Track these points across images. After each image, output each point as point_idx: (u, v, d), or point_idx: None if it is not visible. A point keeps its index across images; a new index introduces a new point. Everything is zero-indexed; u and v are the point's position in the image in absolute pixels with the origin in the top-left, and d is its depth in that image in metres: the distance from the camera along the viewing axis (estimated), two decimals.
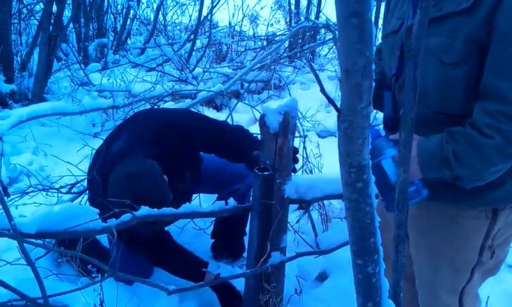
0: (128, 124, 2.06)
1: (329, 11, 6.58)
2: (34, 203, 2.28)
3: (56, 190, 2.43)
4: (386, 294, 1.16)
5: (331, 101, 0.87)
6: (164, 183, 1.80)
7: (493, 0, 1.12)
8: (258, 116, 4.10)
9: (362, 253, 1.07)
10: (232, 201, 1.77)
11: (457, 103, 1.21)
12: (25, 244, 1.21)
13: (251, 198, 1.84)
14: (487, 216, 1.34)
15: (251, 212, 1.74)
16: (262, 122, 1.64)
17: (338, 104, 0.87)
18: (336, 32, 5.51)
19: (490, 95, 1.14)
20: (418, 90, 0.98)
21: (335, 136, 1.43)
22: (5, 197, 1.20)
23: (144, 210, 1.53)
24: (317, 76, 0.86)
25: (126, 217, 1.48)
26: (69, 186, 2.59)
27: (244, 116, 4.66)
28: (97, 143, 2.31)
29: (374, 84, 0.85)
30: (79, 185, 2.60)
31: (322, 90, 0.86)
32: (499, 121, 1.12)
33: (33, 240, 1.26)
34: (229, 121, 3.41)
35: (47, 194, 2.44)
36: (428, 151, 1.23)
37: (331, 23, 5.03)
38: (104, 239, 2.22)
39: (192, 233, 2.46)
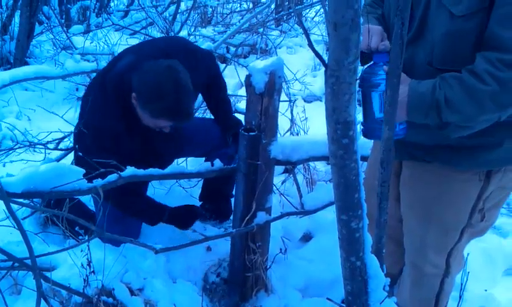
0: (131, 48, 2.08)
1: None
2: (22, 160, 2.29)
3: (43, 146, 2.42)
4: (369, 249, 1.19)
5: (318, 55, 0.87)
6: None
7: None
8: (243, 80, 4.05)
9: (346, 209, 1.09)
10: (217, 162, 1.77)
11: (465, 58, 1.19)
12: (11, 204, 1.20)
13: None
14: (480, 178, 1.36)
15: (237, 173, 1.75)
16: (248, 82, 1.63)
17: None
18: None
19: (492, 45, 1.14)
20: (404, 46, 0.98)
21: (321, 101, 1.44)
22: None
23: (130, 170, 1.53)
24: (306, 31, 0.86)
25: (112, 177, 1.48)
26: (56, 141, 2.58)
27: (230, 81, 4.62)
28: None
29: (361, 38, 0.85)
30: (66, 140, 2.59)
31: (310, 44, 0.85)
32: (498, 68, 1.12)
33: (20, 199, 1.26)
34: None
35: (34, 151, 2.43)
36: (418, 94, 1.22)
37: None
38: (90, 203, 2.22)
39: (179, 194, 2.47)
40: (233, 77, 4.66)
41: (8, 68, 4.27)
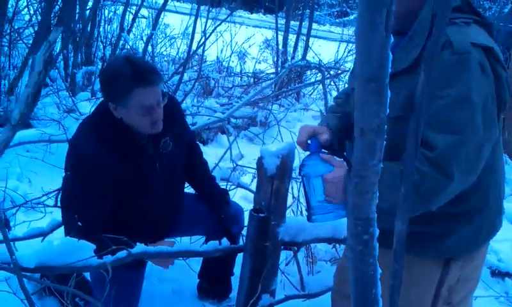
0: None
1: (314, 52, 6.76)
2: (23, 221, 2.28)
3: (42, 205, 2.43)
4: None
5: (345, 159, 0.91)
6: None
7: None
8: (243, 151, 4.12)
9: (363, 304, 1.10)
10: (225, 241, 1.78)
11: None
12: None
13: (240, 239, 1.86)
14: (439, 265, 1.40)
15: (243, 253, 1.75)
16: (260, 164, 1.67)
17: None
18: (326, 72, 5.68)
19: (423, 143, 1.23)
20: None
21: None
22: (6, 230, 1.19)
23: (139, 247, 1.53)
24: (342, 154, 0.90)
25: (121, 253, 1.48)
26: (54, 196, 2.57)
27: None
28: None
29: (384, 143, 0.90)
30: None
31: (341, 153, 0.89)
32: (421, 162, 1.21)
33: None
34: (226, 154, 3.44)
35: (34, 210, 2.43)
36: None
37: (322, 64, 5.17)
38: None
39: (179, 269, 2.44)
40: (233, 148, 4.75)
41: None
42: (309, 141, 1.46)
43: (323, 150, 1.43)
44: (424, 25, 1.27)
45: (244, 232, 2.09)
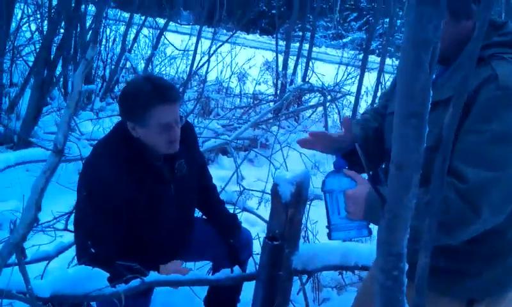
0: None
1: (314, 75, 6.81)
2: (33, 245, 2.24)
3: (52, 228, 2.39)
4: None
5: (379, 193, 0.89)
6: None
7: (472, 92, 1.20)
8: (243, 172, 4.07)
9: None
10: (237, 269, 1.75)
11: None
12: None
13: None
14: (460, 306, 1.35)
15: (256, 281, 1.73)
16: (275, 191, 1.66)
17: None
18: (328, 96, 5.70)
19: (452, 172, 1.20)
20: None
21: (321, 199, 1.49)
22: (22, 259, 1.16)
23: (152, 275, 1.50)
24: (366, 163, 0.89)
25: (135, 282, 1.45)
26: (65, 219, 2.53)
27: (229, 172, 4.67)
28: None
29: (418, 177, 0.89)
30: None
31: (372, 181, 0.88)
32: (450, 192, 1.17)
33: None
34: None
35: (44, 233, 2.40)
36: (376, 196, 1.26)
37: (325, 87, 5.21)
38: None
39: (185, 294, 2.40)
40: (232, 169, 4.73)
41: (11, 147, 4.28)
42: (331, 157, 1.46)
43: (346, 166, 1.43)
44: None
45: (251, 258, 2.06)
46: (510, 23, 1.31)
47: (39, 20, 5.74)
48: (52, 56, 4.40)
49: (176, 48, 6.75)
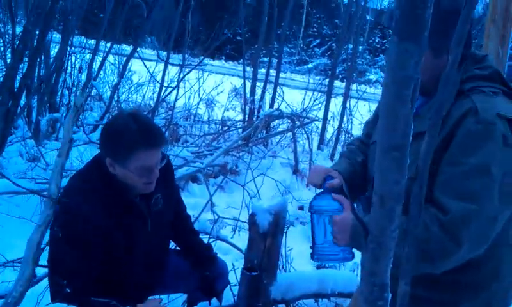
0: None
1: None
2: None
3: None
4: None
5: (362, 223, 0.91)
6: None
7: (452, 125, 1.24)
8: (214, 199, 4.05)
9: None
10: (215, 302, 1.73)
11: None
12: None
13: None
14: None
15: None
16: (252, 221, 1.65)
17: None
18: (297, 122, 5.78)
19: (434, 203, 1.24)
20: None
21: (294, 226, 1.49)
22: None
23: None
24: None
25: None
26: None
27: (199, 200, 4.63)
28: None
29: (401, 208, 0.90)
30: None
31: (355, 215, 0.89)
32: (432, 222, 1.21)
33: None
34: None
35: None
36: (360, 225, 1.26)
37: (294, 112, 5.29)
38: None
39: None
40: (202, 196, 4.68)
41: None
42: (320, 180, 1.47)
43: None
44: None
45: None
46: (489, 57, 1.36)
47: (1, 49, 5.61)
48: (16, 85, 4.29)
49: (151, 74, 6.68)
